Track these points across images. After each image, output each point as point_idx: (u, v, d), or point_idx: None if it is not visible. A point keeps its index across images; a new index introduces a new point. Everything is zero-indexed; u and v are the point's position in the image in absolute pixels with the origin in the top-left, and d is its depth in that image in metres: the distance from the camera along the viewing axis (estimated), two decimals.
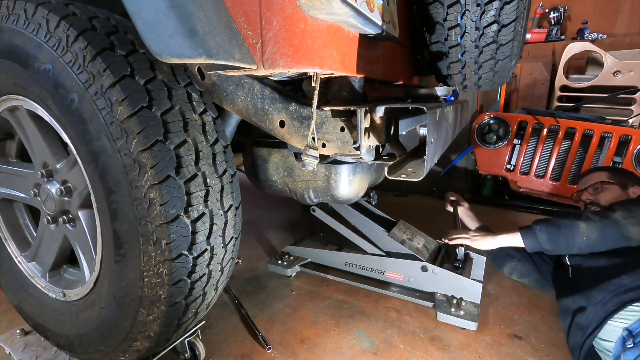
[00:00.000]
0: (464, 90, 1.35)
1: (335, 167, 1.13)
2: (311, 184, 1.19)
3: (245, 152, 1.32)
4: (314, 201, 1.26)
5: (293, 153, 1.18)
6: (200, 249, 0.86)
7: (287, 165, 1.21)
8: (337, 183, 1.15)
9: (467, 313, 1.42)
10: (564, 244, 1.22)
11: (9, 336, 1.27)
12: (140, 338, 0.92)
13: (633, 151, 2.27)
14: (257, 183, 1.31)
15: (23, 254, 1.24)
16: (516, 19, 1.01)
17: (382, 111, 0.83)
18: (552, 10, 3.69)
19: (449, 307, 1.45)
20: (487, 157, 2.72)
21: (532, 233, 1.29)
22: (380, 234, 1.67)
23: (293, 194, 1.26)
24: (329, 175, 1.14)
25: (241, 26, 0.71)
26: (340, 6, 0.67)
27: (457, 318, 1.41)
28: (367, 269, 1.69)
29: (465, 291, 1.50)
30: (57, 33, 0.78)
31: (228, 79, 0.93)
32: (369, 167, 1.23)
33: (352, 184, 1.17)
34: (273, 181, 1.26)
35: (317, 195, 1.21)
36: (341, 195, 1.17)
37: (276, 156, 1.22)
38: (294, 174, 1.21)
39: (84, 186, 0.95)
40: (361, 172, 1.18)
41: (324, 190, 1.18)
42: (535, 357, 1.27)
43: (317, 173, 1.16)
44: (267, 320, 1.44)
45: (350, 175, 1.15)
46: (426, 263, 1.55)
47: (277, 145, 1.21)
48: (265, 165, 1.25)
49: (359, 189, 1.21)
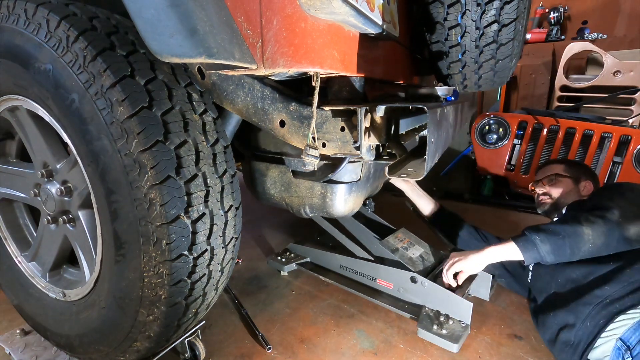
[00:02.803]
0: (464, 90, 1.35)
1: (332, 186, 1.13)
2: (307, 201, 1.20)
3: (244, 161, 1.33)
4: (309, 215, 1.27)
5: (290, 170, 1.19)
6: (200, 250, 0.86)
7: (285, 181, 1.22)
8: (332, 202, 1.15)
9: (449, 332, 1.31)
10: (569, 254, 1.14)
11: (9, 336, 1.27)
12: (140, 338, 0.91)
13: (633, 151, 2.26)
14: (254, 194, 1.33)
15: (23, 254, 1.24)
16: (516, 18, 1.01)
17: (383, 111, 0.83)
18: (552, 10, 3.70)
19: (430, 324, 1.34)
20: (487, 157, 2.72)
21: (531, 244, 1.17)
22: (373, 240, 1.62)
23: (289, 208, 1.27)
24: (325, 194, 1.15)
25: (241, 25, 0.70)
26: (341, 5, 0.67)
27: (437, 337, 1.29)
28: (359, 274, 1.64)
29: (454, 309, 1.37)
30: (58, 33, 0.78)
31: (228, 78, 0.93)
32: (364, 184, 1.23)
33: (348, 202, 1.17)
34: (270, 194, 1.27)
35: (312, 211, 1.23)
36: (336, 212, 1.18)
37: (274, 171, 1.23)
38: (290, 190, 1.22)
39: (84, 186, 0.95)
40: (357, 190, 1.19)
41: (319, 207, 1.19)
42: (535, 357, 1.27)
43: (314, 190, 1.17)
44: (267, 320, 1.43)
45: (346, 195, 1.16)
46: (415, 274, 1.45)
47: (275, 160, 1.22)
48: (263, 179, 1.26)
49: (354, 206, 1.22)
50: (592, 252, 1.13)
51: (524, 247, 1.18)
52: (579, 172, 1.55)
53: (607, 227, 1.12)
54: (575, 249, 1.13)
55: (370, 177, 1.25)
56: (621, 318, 1.07)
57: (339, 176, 1.11)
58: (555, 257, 1.15)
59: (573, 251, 1.13)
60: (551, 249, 1.14)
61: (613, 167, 2.34)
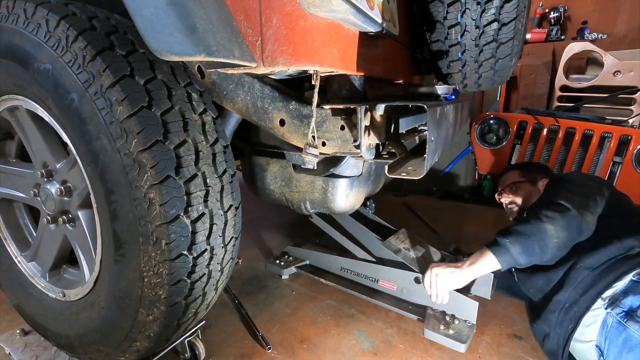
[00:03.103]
0: (464, 89, 1.35)
1: (333, 180, 1.12)
2: (308, 196, 1.18)
3: (243, 158, 1.32)
4: (309, 211, 1.26)
5: (291, 164, 1.18)
6: (200, 249, 0.86)
7: (285, 175, 1.21)
8: (334, 196, 1.14)
9: (457, 332, 1.31)
10: (539, 252, 1.12)
11: (9, 336, 1.27)
12: (140, 338, 0.91)
13: (633, 151, 2.26)
14: (254, 190, 1.31)
15: (23, 254, 1.24)
16: (516, 17, 1.01)
17: (383, 109, 0.83)
18: (552, 10, 3.70)
19: (437, 325, 1.34)
20: (487, 157, 2.72)
21: (504, 249, 1.14)
22: (375, 241, 1.62)
23: (289, 204, 1.26)
24: (326, 188, 1.14)
25: (241, 23, 0.70)
26: (341, 4, 0.67)
27: (445, 337, 1.30)
28: (361, 276, 1.63)
29: (460, 309, 1.38)
30: (57, 33, 0.78)
31: (228, 77, 0.93)
32: (366, 180, 1.22)
33: (349, 198, 1.16)
34: (270, 190, 1.26)
35: (313, 206, 1.21)
36: (337, 208, 1.17)
37: (274, 166, 1.22)
38: (291, 185, 1.21)
39: (83, 186, 0.95)
40: (358, 186, 1.18)
41: (320, 202, 1.17)
42: (535, 357, 1.27)
43: (315, 185, 1.16)
44: (267, 320, 1.43)
45: (348, 189, 1.15)
46: (420, 275, 1.44)
47: (276, 155, 1.21)
48: (263, 174, 1.25)
49: (355, 202, 1.20)
50: (559, 246, 1.13)
51: (498, 253, 1.15)
52: (533, 173, 1.57)
53: (565, 220, 1.13)
54: (543, 247, 1.12)
55: (372, 174, 1.24)
56: (585, 321, 1.09)
57: (341, 170, 1.10)
58: (527, 258, 1.13)
59: (542, 249, 1.12)
60: (521, 249, 1.13)
61: (613, 167, 2.34)
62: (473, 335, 1.34)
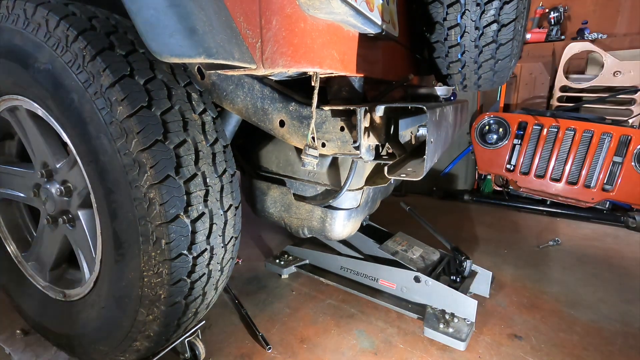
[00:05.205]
0: (463, 90, 1.35)
1: (332, 212, 1.15)
2: (306, 223, 1.21)
3: (244, 175, 1.34)
4: (307, 236, 1.28)
5: (292, 193, 1.21)
6: (200, 249, 0.86)
7: (285, 201, 1.23)
8: (331, 226, 1.17)
9: (456, 331, 1.32)
10: None
11: (9, 336, 1.27)
12: (140, 338, 0.91)
13: (633, 151, 2.27)
14: (253, 209, 1.34)
15: (23, 254, 1.24)
16: (516, 18, 1.01)
17: (382, 110, 0.83)
18: (552, 10, 3.69)
19: (437, 323, 1.35)
20: (487, 157, 2.72)
21: None
22: (372, 246, 1.63)
23: (287, 227, 1.28)
24: (324, 218, 1.17)
25: (241, 25, 0.71)
26: (340, 5, 0.67)
27: (444, 335, 1.30)
28: (361, 275, 1.64)
29: (459, 307, 1.39)
30: (57, 33, 0.78)
31: (228, 78, 0.93)
32: (363, 209, 1.23)
33: (346, 228, 1.19)
34: (270, 213, 1.28)
35: (311, 232, 1.24)
36: (334, 237, 1.20)
37: (275, 191, 1.24)
38: (290, 211, 1.23)
39: (83, 186, 0.95)
40: (356, 216, 1.20)
41: (318, 230, 1.20)
42: (535, 357, 1.27)
43: (314, 214, 1.18)
44: (267, 320, 1.43)
45: (345, 221, 1.17)
46: (419, 273, 1.46)
47: (277, 181, 1.23)
48: (264, 198, 1.27)
49: (352, 230, 1.24)
50: None
51: None
52: None
53: None
54: None
55: (369, 202, 1.27)
56: None
57: (339, 203, 1.13)
58: None
59: None
60: None
61: (613, 167, 2.34)
62: (472, 334, 1.35)
